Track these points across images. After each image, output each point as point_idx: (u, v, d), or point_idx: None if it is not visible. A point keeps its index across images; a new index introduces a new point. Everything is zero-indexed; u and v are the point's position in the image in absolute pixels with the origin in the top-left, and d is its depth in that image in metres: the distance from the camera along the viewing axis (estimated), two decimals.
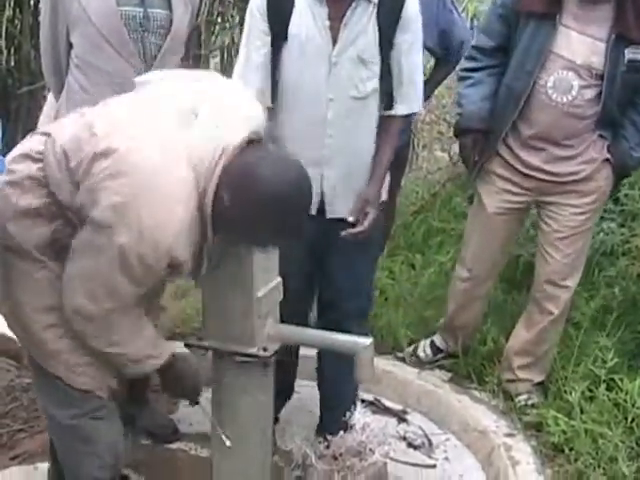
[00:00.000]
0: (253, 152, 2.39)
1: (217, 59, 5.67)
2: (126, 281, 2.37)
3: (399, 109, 3.23)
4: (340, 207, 3.22)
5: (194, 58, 5.16)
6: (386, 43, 3.07)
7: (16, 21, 5.26)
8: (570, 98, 3.54)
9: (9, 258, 2.52)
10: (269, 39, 3.10)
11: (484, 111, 3.72)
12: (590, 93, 3.53)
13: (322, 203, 3.23)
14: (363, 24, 3.02)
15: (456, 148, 5.81)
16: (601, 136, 3.65)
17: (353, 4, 3.00)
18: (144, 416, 3.61)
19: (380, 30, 3.04)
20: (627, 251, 4.52)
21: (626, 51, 3.48)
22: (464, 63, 3.91)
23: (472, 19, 6.15)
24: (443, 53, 4.32)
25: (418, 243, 5.03)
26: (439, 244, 5.06)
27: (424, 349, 4.24)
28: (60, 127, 2.59)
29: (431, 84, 4.45)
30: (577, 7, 3.50)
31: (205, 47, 5.18)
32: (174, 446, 3.63)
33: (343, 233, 3.13)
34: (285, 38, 3.07)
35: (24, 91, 5.24)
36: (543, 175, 3.70)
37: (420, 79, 3.26)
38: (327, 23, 3.02)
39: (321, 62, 3.07)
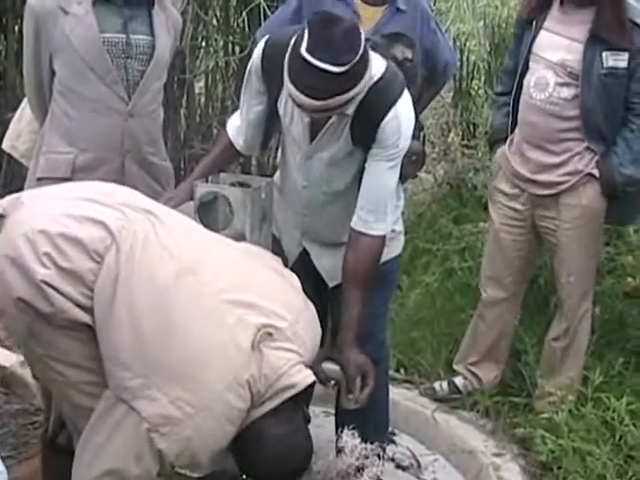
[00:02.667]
0: (283, 419, 2.46)
1: (202, 83, 5.68)
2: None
3: (356, 223, 3.00)
4: (335, 274, 3.15)
5: (178, 83, 5.16)
6: (361, 149, 2.99)
7: (1, 47, 5.26)
8: (547, 95, 3.66)
9: None
10: (265, 98, 3.07)
11: (505, 125, 3.92)
12: (567, 92, 3.63)
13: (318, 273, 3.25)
14: (338, 134, 2.98)
15: (440, 170, 5.90)
16: (590, 149, 3.68)
17: (332, 117, 2.94)
18: None
19: (353, 139, 2.97)
20: (613, 269, 4.54)
21: (605, 55, 3.57)
22: (495, 86, 4.27)
23: (455, 40, 6.19)
24: (429, 75, 4.33)
25: (404, 264, 5.02)
26: (425, 265, 5.06)
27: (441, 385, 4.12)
28: (127, 239, 2.42)
29: (418, 107, 4.45)
30: (560, 11, 3.67)
31: (189, 71, 5.18)
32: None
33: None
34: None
35: (10, 117, 5.24)
36: (532, 187, 3.77)
37: (384, 202, 3.00)
38: (307, 120, 2.98)
39: (298, 150, 3.07)
